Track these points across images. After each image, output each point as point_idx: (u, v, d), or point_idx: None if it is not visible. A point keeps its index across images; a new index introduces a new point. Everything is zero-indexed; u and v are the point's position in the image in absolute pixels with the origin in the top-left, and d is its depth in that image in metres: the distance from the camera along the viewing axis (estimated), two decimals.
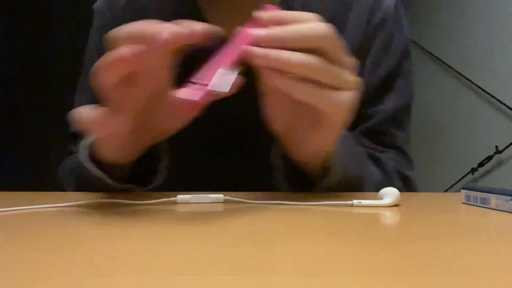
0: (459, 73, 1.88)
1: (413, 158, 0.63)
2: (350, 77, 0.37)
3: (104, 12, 0.60)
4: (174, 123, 0.42)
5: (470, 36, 1.84)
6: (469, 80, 1.82)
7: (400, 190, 0.55)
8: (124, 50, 0.33)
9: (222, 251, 0.23)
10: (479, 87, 1.76)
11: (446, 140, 1.98)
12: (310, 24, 0.35)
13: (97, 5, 0.62)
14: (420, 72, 2.14)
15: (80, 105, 0.60)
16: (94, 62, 0.62)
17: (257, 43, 0.34)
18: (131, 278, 0.18)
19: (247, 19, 0.55)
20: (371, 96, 0.57)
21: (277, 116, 0.41)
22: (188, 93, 0.31)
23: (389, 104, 0.58)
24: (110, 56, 0.34)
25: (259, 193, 0.42)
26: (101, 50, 0.59)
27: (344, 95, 0.37)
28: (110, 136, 0.39)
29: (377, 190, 0.52)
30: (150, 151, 0.45)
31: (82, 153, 0.44)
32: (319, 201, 0.37)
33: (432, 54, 2.04)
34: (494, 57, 1.72)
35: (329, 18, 0.56)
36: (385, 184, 0.52)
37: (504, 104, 1.64)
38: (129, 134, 0.39)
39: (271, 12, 0.36)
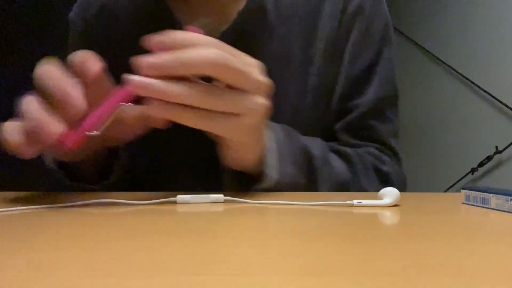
0: (459, 73, 1.88)
1: (400, 151, 0.58)
2: (245, 100, 0.35)
3: (76, 22, 0.60)
4: (125, 134, 0.42)
5: (471, 36, 1.84)
6: (469, 80, 1.82)
7: (375, 187, 0.51)
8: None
9: (222, 251, 0.23)
10: (479, 87, 1.76)
11: (447, 140, 1.98)
12: (197, 51, 0.32)
13: (71, 14, 0.61)
14: (421, 72, 2.14)
15: None
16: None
17: (142, 73, 0.32)
18: (130, 278, 0.18)
19: (218, 18, 0.54)
20: (351, 89, 0.55)
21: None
22: (69, 135, 0.34)
23: (369, 95, 0.55)
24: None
25: (259, 193, 0.42)
26: None
27: (237, 119, 0.35)
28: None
29: (343, 187, 0.50)
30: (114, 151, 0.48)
31: (46, 154, 0.47)
32: (319, 201, 0.37)
33: (433, 55, 2.04)
34: (494, 57, 1.72)
35: (303, 9, 0.55)
36: (353, 180, 0.51)
37: (504, 104, 1.64)
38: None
39: (157, 38, 0.33)
